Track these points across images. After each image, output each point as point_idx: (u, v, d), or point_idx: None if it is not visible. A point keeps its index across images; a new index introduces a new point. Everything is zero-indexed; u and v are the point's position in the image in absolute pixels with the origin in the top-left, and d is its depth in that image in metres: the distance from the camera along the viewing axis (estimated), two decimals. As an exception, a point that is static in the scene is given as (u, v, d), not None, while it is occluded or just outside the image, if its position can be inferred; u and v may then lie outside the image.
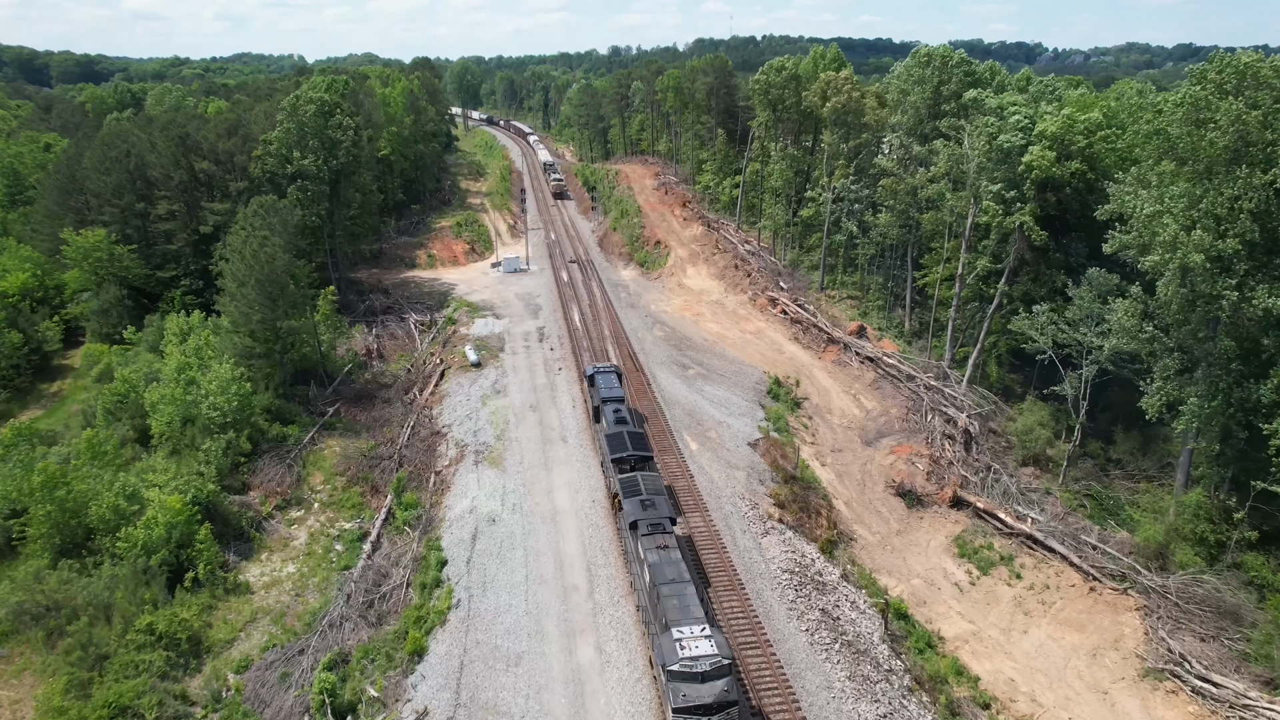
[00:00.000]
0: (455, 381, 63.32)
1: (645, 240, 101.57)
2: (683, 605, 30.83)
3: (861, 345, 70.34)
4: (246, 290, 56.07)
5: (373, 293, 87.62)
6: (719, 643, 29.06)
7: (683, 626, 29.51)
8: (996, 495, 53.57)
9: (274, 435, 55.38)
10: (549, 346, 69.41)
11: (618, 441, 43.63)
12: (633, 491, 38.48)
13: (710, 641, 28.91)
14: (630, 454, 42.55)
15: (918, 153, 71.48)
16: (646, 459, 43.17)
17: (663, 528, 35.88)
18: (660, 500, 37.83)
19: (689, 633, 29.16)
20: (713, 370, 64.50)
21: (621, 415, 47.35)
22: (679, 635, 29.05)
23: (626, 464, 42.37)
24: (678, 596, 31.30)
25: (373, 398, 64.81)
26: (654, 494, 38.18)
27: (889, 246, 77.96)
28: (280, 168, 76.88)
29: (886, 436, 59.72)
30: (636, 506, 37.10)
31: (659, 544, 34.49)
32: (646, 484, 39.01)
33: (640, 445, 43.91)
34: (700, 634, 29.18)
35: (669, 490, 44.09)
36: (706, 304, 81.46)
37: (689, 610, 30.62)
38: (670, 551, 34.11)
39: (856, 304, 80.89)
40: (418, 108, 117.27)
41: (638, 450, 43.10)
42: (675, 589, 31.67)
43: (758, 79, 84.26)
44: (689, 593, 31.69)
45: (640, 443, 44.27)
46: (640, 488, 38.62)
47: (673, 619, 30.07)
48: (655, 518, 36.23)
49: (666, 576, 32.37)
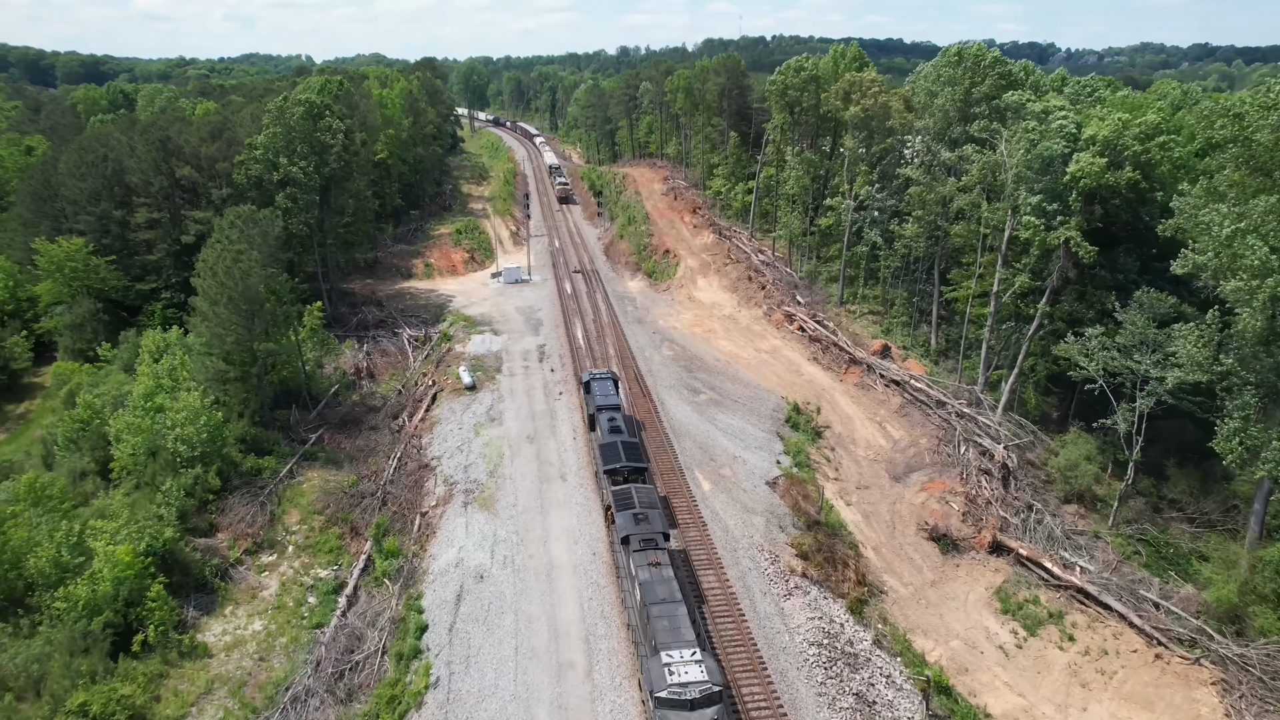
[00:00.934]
0: (448, 406, 58.57)
1: (653, 249, 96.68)
2: (673, 627, 29.98)
3: (886, 367, 65.26)
4: (219, 310, 51.45)
5: (366, 305, 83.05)
6: (709, 668, 28.28)
7: (672, 650, 28.70)
8: (1040, 539, 48.47)
9: (248, 468, 50.78)
10: (549, 367, 64.60)
11: (611, 452, 42.43)
12: (626, 505, 37.35)
13: (700, 667, 28.04)
14: (624, 465, 41.27)
15: (946, 159, 66.34)
16: (641, 470, 41.74)
17: (655, 543, 34.79)
18: (654, 514, 36.66)
19: (678, 657, 28.34)
20: (726, 395, 59.54)
21: (616, 424, 45.85)
22: (668, 660, 28.23)
23: (620, 475, 41.12)
24: (668, 618, 30.35)
25: (359, 423, 60.22)
26: (648, 507, 37.04)
27: (914, 259, 72.81)
28: (266, 174, 72.37)
29: (916, 471, 54.63)
30: (629, 521, 35.99)
31: (651, 560, 33.53)
32: (640, 497, 37.82)
33: (634, 456, 42.37)
34: (690, 658, 28.35)
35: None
36: (718, 319, 76.51)
37: (679, 633, 29.73)
38: (663, 569, 33.15)
39: (879, 320, 75.77)
40: (417, 109, 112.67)
41: (632, 461, 41.70)
42: (666, 609, 30.71)
43: (774, 80, 79.21)
44: (680, 613, 30.68)
45: (634, 453, 42.76)
46: (634, 501, 37.45)
47: (662, 641, 29.27)
48: (648, 532, 35.14)
49: (658, 596, 31.47)
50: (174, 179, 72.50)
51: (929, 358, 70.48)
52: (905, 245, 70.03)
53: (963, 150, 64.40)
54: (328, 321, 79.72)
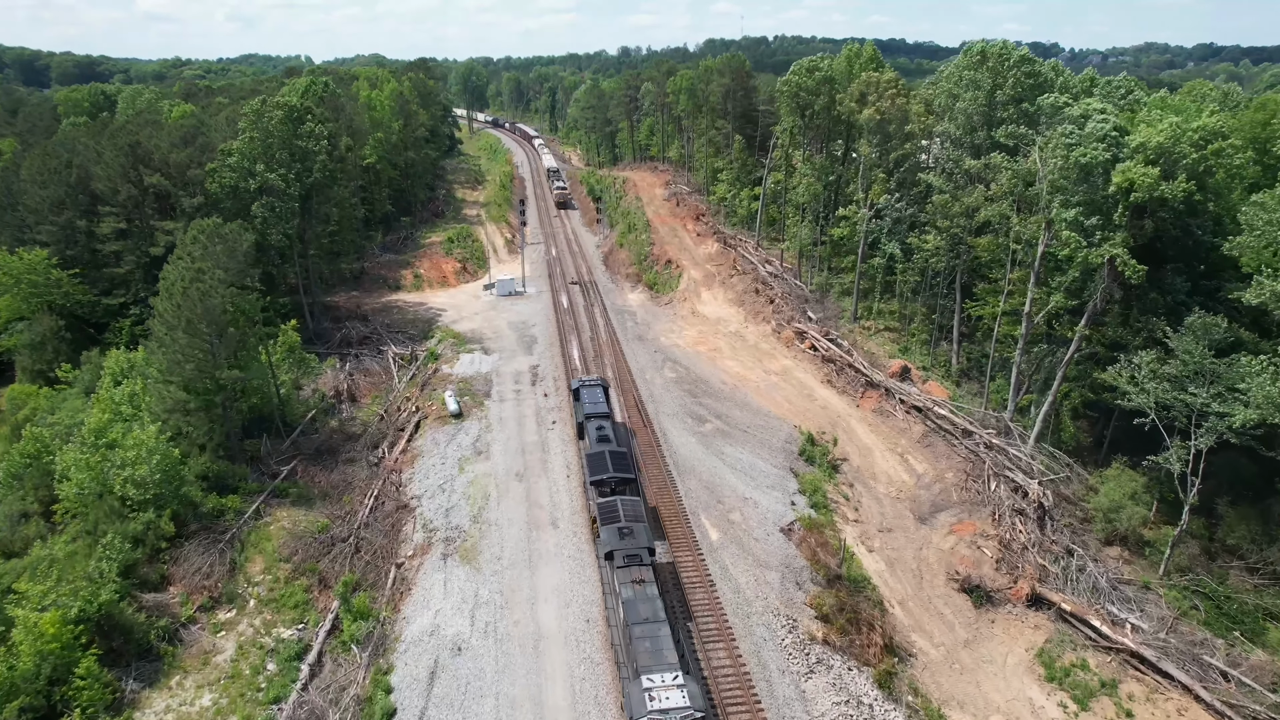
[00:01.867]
0: (431, 437, 53.81)
1: (655, 258, 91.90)
2: (655, 649, 29.23)
3: (907, 391, 60.44)
4: (177, 335, 46.71)
5: (350, 320, 78.30)
6: (691, 693, 27.49)
7: (654, 673, 28.03)
8: (1083, 590, 43.71)
9: (209, 509, 46.04)
10: (542, 391, 59.83)
11: (598, 462, 41.50)
12: (611, 518, 36.40)
13: (682, 692, 27.36)
14: (611, 476, 40.28)
15: (970, 167, 61.54)
16: (629, 481, 40.67)
17: (640, 559, 33.81)
18: (639, 528, 35.64)
19: (660, 681, 27.73)
20: (734, 424, 54.73)
21: (605, 433, 44.73)
22: (649, 684, 27.59)
23: (607, 486, 40.16)
24: (651, 639, 29.58)
25: (336, 453, 55.48)
26: (633, 520, 36.06)
27: (934, 272, 67.96)
28: (242, 181, 67.69)
29: (943, 510, 49.83)
30: (614, 535, 35.09)
31: (635, 578, 32.67)
32: (626, 510, 36.85)
33: (622, 466, 41.27)
34: (672, 682, 27.72)
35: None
36: (724, 336, 71.71)
37: (662, 654, 29.01)
38: (647, 587, 32.28)
39: (896, 337, 70.94)
40: (408, 112, 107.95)
41: (619, 472, 40.62)
42: (649, 630, 29.93)
43: (786, 80, 74.37)
44: (663, 634, 29.95)
45: (622, 463, 41.65)
46: (619, 514, 36.51)
47: (644, 664, 28.52)
48: (633, 548, 34.18)
49: (640, 615, 30.66)
50: (143, 187, 67.81)
51: (950, 378, 65.69)
52: (925, 258, 65.24)
53: (989, 157, 59.66)
54: (309, 338, 75.20)
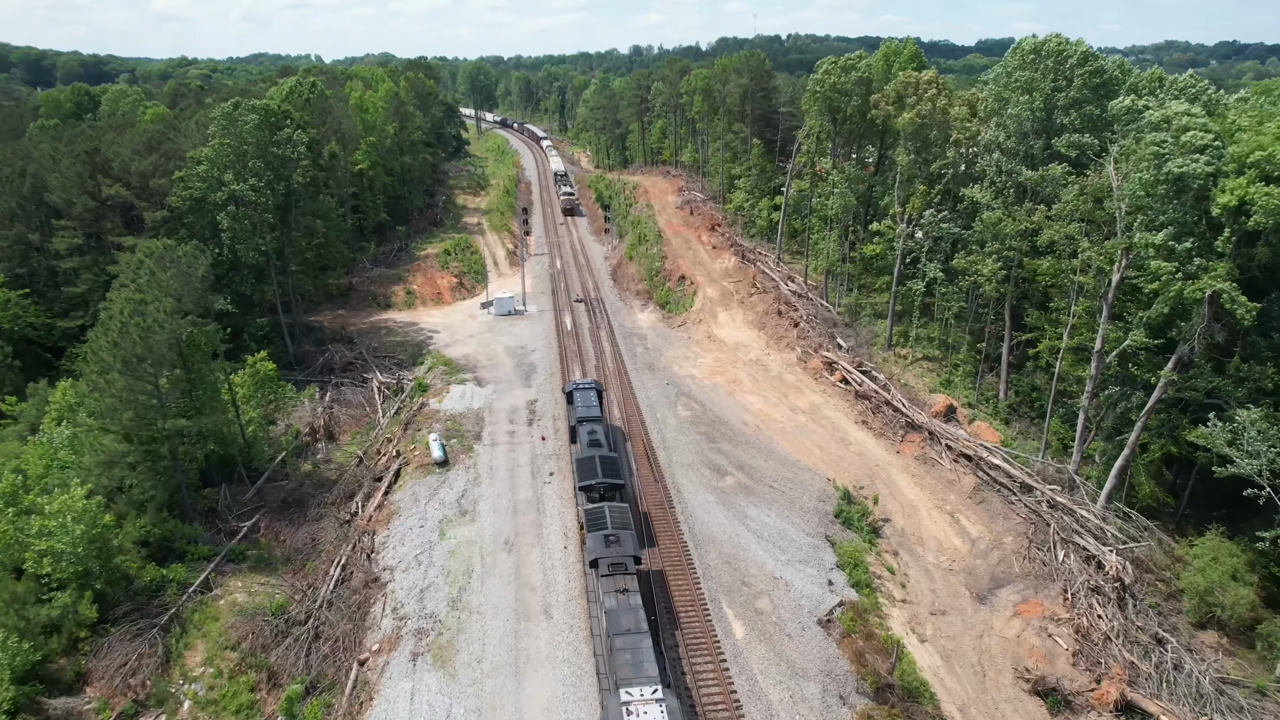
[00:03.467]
0: (411, 490, 47.01)
1: (667, 274, 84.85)
2: (636, 661, 28.37)
3: (954, 434, 53.20)
4: (112, 377, 40.09)
5: (334, 343, 71.71)
6: (670, 709, 26.56)
7: (633, 686, 27.16)
8: (1183, 696, 36.49)
9: (147, 583, 39.47)
10: (540, 433, 52.95)
11: (588, 467, 40.85)
12: (598, 525, 35.84)
13: (660, 707, 26.51)
14: (600, 482, 39.53)
15: (1025, 180, 54.26)
16: (618, 487, 39.86)
17: (625, 568, 33.12)
18: (626, 536, 34.97)
19: (638, 695, 26.87)
20: (759, 477, 47.65)
21: (596, 438, 44.04)
22: (627, 698, 26.77)
23: (595, 492, 39.48)
24: (632, 650, 28.81)
25: (306, 504, 48.87)
26: (620, 528, 35.48)
27: (982, 297, 60.62)
28: (210, 193, 61.18)
29: (1005, 585, 42.59)
30: (599, 542, 34.45)
31: (619, 586, 31.97)
32: (613, 516, 36.27)
33: (611, 472, 40.48)
34: (650, 696, 26.85)
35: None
36: (744, 365, 64.59)
37: (642, 667, 28.11)
38: (630, 596, 31.57)
39: (935, 367, 63.63)
40: (403, 114, 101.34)
41: (608, 477, 39.84)
42: (630, 641, 29.19)
43: (816, 79, 67.04)
44: (644, 646, 29.10)
45: (611, 468, 40.83)
46: (606, 521, 35.94)
47: (623, 677, 27.70)
48: (618, 556, 33.57)
49: (622, 626, 29.89)
50: (102, 198, 61.43)
51: (997, 416, 58.40)
52: (974, 282, 57.95)
53: (1047, 170, 52.36)
54: (288, 363, 68.72)
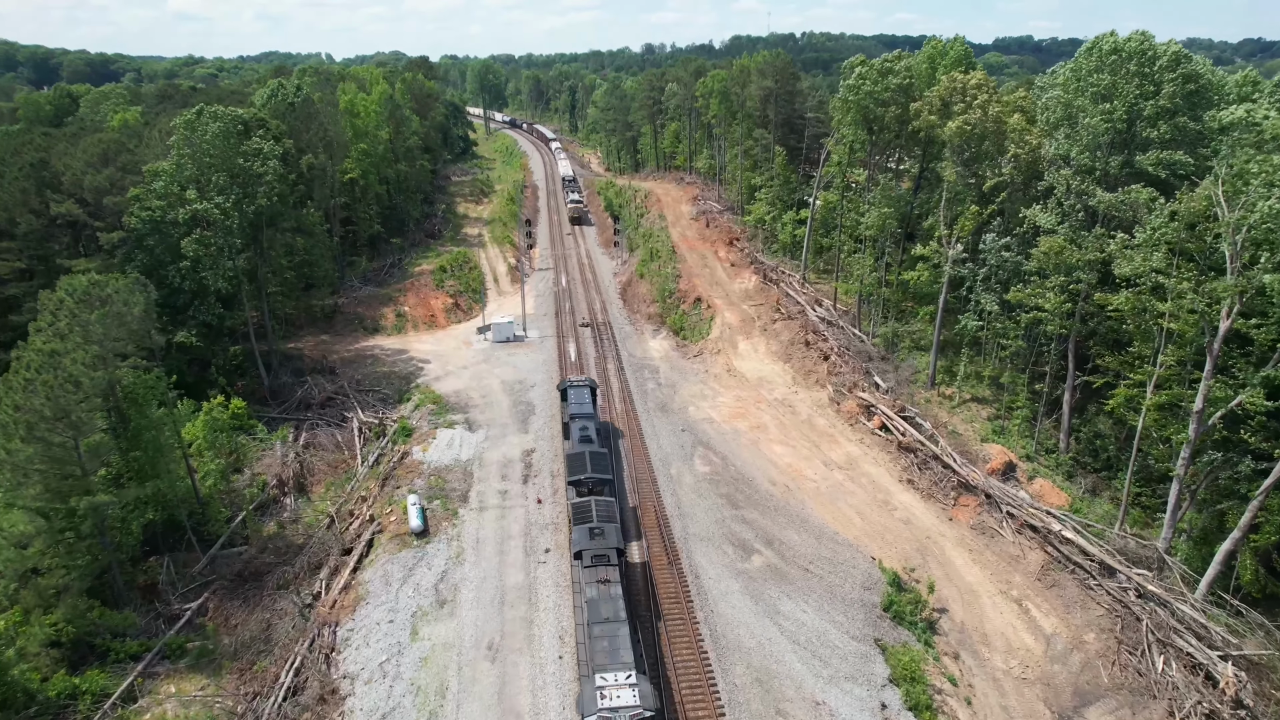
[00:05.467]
0: (383, 568, 40.09)
1: (681, 294, 77.67)
2: (612, 648, 29.40)
3: (1015, 498, 45.80)
4: (14, 446, 33.36)
5: (314, 374, 64.93)
6: (642, 693, 27.53)
7: (608, 672, 28.20)
8: None
9: (52, 697, 32.72)
10: (536, 494, 45.96)
11: (578, 462, 41.77)
12: (583, 518, 36.91)
13: (633, 691, 27.48)
14: (589, 477, 40.38)
15: (1101, 203, 46.77)
16: (607, 482, 40.76)
17: (607, 559, 33.88)
18: (610, 529, 35.97)
19: (612, 680, 27.89)
20: (792, 556, 40.43)
21: (587, 434, 45.08)
22: (601, 682, 27.82)
23: (584, 487, 40.30)
24: (609, 638, 29.79)
25: (264, 578, 42.32)
26: (605, 521, 36.51)
27: (1043, 333, 53.12)
28: (170, 211, 54.55)
29: (1093, 703, 35.19)
30: (584, 535, 35.45)
31: (600, 578, 32.84)
32: (599, 510, 37.37)
33: (600, 467, 41.45)
34: (624, 681, 27.87)
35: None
36: (769, 406, 57.34)
37: (618, 654, 29.11)
38: (611, 587, 32.43)
39: (985, 410, 56.15)
40: (399, 118, 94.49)
41: (597, 472, 40.77)
42: (608, 629, 30.18)
43: (850, 86, 59.51)
44: (621, 634, 29.98)
45: (600, 464, 41.85)
46: (592, 514, 37.00)
47: (599, 663, 28.78)
48: (601, 548, 34.40)
49: (601, 615, 30.90)
50: (49, 216, 54.89)
51: (1059, 470, 50.97)
52: (1035, 320, 50.50)
53: (1129, 191, 44.88)
54: (262, 397, 62.12)
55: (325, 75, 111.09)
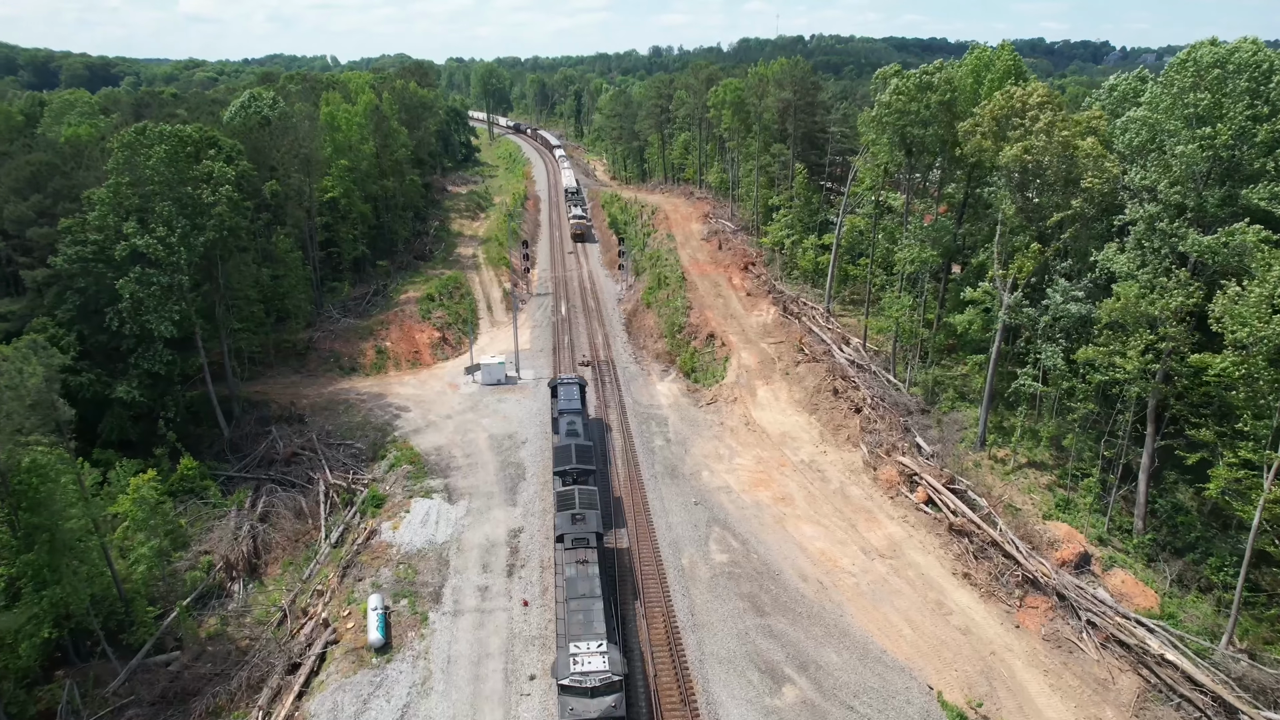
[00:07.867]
0: (331, 697, 32.78)
1: (692, 329, 70.26)
2: (587, 620, 31.50)
3: (1096, 601, 38.22)
4: None
5: (281, 422, 57.85)
6: (612, 659, 29.63)
7: (581, 641, 30.27)
8: None
9: None
10: (523, 589, 38.64)
11: (564, 454, 44.07)
12: (566, 506, 39.00)
13: (603, 658, 29.57)
14: (573, 467, 42.69)
15: (1194, 247, 39.19)
16: (590, 472, 43.01)
17: (587, 542, 35.89)
18: (591, 515, 38.07)
19: (585, 648, 29.96)
20: (830, 686, 32.93)
21: (574, 428, 47.26)
22: (575, 650, 29.90)
23: (569, 477, 42.50)
24: (584, 612, 31.91)
25: (192, 701, 35.11)
26: (586, 508, 38.53)
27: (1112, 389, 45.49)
28: (108, 246, 47.47)
29: None
30: (566, 520, 37.59)
31: (579, 558, 34.77)
32: (581, 498, 39.38)
33: (584, 459, 43.73)
34: (595, 649, 29.96)
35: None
36: (794, 471, 49.90)
37: (592, 626, 31.23)
38: (588, 566, 34.30)
39: (1047, 478, 48.52)
40: (385, 130, 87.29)
41: (581, 464, 43.09)
42: (583, 604, 32.28)
43: (885, 102, 51.93)
44: (596, 608, 32.12)
45: (585, 456, 44.04)
46: (574, 502, 39.06)
47: (574, 634, 30.88)
48: (581, 532, 36.42)
49: (578, 591, 32.97)
50: (-30, 252, 48.02)
51: (1138, 555, 43.33)
52: (1111, 378, 42.88)
53: (1234, 234, 37.34)
54: (220, 450, 55.15)
55: (312, 83, 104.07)
